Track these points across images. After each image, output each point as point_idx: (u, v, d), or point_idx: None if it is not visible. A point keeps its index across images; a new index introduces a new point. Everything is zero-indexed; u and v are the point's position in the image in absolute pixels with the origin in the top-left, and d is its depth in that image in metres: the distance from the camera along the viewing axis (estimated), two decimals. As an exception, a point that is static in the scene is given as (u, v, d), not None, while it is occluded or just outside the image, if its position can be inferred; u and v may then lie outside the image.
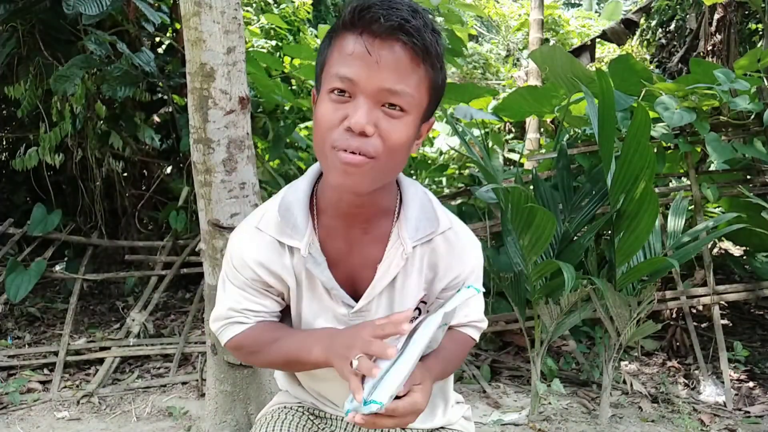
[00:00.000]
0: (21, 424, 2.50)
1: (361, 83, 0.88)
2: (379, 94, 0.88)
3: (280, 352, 1.04)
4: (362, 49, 0.87)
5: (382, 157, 0.90)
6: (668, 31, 7.91)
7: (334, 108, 0.90)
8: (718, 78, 2.82)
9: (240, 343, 1.09)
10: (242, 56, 2.05)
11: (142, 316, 3.26)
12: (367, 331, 0.92)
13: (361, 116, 0.87)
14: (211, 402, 2.22)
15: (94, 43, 3.28)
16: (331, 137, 0.90)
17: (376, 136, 0.89)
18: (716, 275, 3.34)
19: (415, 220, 1.03)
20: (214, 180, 2.05)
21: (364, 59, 0.87)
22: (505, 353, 3.26)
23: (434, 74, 0.93)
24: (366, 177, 0.91)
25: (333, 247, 1.05)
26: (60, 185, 4.15)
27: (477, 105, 4.21)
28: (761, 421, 2.59)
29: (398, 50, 0.88)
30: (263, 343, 1.06)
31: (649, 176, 2.26)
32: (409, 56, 0.88)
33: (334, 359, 0.94)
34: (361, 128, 0.87)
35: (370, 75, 0.87)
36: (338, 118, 0.89)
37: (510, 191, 2.28)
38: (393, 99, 0.89)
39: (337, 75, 0.89)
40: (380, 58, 0.87)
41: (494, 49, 10.83)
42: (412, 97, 0.90)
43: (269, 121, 3.78)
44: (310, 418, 1.20)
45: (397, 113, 0.90)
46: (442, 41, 0.94)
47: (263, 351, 1.06)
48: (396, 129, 0.90)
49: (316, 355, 0.98)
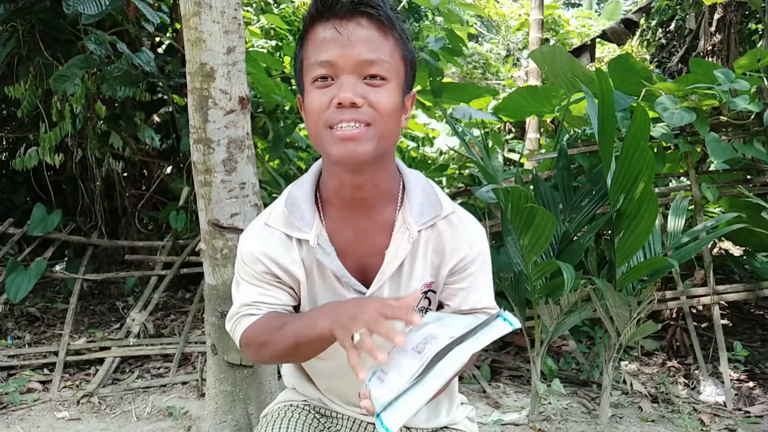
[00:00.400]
0: (21, 424, 2.50)
1: (340, 62, 0.93)
2: (358, 67, 0.94)
3: (287, 335, 1.00)
4: (333, 32, 0.93)
5: (378, 122, 0.95)
6: (668, 31, 7.91)
7: (321, 93, 0.95)
8: (718, 78, 2.82)
9: (250, 336, 1.06)
10: (242, 56, 2.05)
11: (142, 316, 3.26)
12: (375, 305, 0.88)
13: (347, 89, 0.92)
14: (211, 402, 2.22)
15: (94, 42, 3.28)
16: (325, 119, 0.95)
17: (366, 105, 0.94)
18: (716, 275, 3.33)
19: (418, 206, 1.06)
20: (214, 180, 2.05)
21: (336, 40, 0.93)
22: (505, 353, 3.26)
23: (403, 44, 0.99)
24: (367, 144, 0.95)
25: (341, 236, 1.07)
26: (60, 185, 4.15)
27: (477, 105, 4.21)
28: (761, 421, 2.59)
29: (365, 23, 0.94)
30: (272, 330, 1.03)
31: (649, 176, 2.26)
32: (376, 26, 0.95)
33: (336, 329, 0.90)
34: (350, 99, 0.92)
35: (345, 52, 0.93)
36: (327, 101, 0.94)
37: (510, 191, 2.28)
38: (372, 69, 0.94)
39: (316, 62, 0.95)
40: (351, 35, 0.93)
41: (494, 49, 10.83)
42: (389, 64, 0.96)
43: (269, 121, 3.78)
44: (317, 417, 1.20)
45: (379, 82, 0.95)
46: (401, 17, 1.00)
47: (272, 339, 1.02)
48: (383, 96, 0.95)
49: (321, 326, 0.93)
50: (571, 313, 2.51)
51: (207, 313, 2.21)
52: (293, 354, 1.02)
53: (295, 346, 0.99)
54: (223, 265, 2.11)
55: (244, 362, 2.17)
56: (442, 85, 3.96)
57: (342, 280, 1.06)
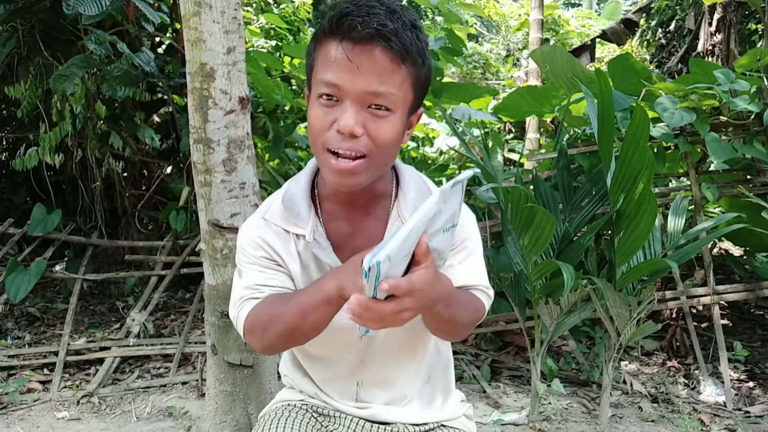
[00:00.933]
0: (21, 424, 2.50)
1: (346, 88, 0.93)
2: (363, 97, 0.93)
3: (293, 308, 0.99)
4: (343, 56, 0.92)
5: (374, 154, 0.96)
6: (668, 31, 7.90)
7: (324, 112, 0.96)
8: (718, 78, 2.82)
9: (254, 317, 1.05)
10: (242, 56, 2.05)
11: (142, 316, 3.26)
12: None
13: (349, 119, 0.93)
14: (211, 402, 2.22)
15: (94, 42, 3.28)
16: (323, 139, 0.96)
17: (365, 135, 0.95)
18: (716, 275, 3.33)
19: (412, 200, 1.09)
20: (214, 180, 2.05)
21: (346, 65, 0.92)
22: (505, 353, 3.26)
23: (416, 70, 0.97)
24: (361, 176, 0.97)
25: (337, 230, 1.10)
26: (60, 185, 4.15)
27: (477, 105, 4.21)
28: (761, 421, 2.59)
29: (378, 54, 0.92)
30: (276, 307, 1.03)
31: (648, 176, 2.26)
32: (389, 58, 0.93)
33: (344, 284, 0.89)
34: (349, 130, 0.93)
35: (353, 80, 0.92)
36: (329, 122, 0.95)
37: (510, 191, 2.28)
38: (378, 100, 0.94)
39: (323, 81, 0.95)
40: (361, 64, 0.92)
41: (494, 49, 10.83)
42: (396, 96, 0.95)
43: (269, 121, 3.78)
44: (314, 416, 1.20)
45: (383, 113, 0.95)
46: (423, 35, 0.98)
47: (277, 315, 1.01)
48: (383, 128, 0.96)
49: (327, 288, 0.93)
50: (571, 313, 2.51)
51: (207, 313, 2.21)
52: (300, 328, 0.99)
53: (302, 316, 0.98)
54: (223, 265, 2.11)
55: (244, 362, 2.17)
56: (442, 85, 3.96)
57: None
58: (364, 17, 0.91)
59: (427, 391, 1.22)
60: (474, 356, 3.21)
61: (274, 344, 1.05)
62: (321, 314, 0.97)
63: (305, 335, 1.02)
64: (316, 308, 0.96)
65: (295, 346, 1.14)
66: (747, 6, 6.02)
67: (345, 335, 1.09)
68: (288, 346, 1.12)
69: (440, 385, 1.24)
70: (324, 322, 0.99)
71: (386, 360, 1.16)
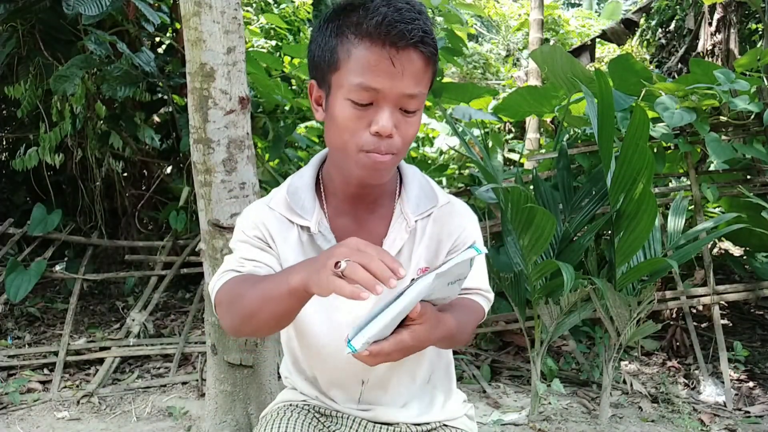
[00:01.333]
0: (21, 424, 2.50)
1: (385, 92, 0.95)
2: (400, 99, 0.97)
3: (257, 291, 0.95)
4: (388, 62, 0.93)
5: (402, 151, 1.01)
6: (668, 31, 7.90)
7: (357, 114, 0.97)
8: (718, 78, 2.82)
9: (223, 295, 1.03)
10: (242, 56, 2.05)
11: (142, 316, 3.26)
12: (353, 241, 0.84)
13: (387, 122, 0.96)
14: (211, 402, 2.22)
15: (94, 42, 3.28)
16: (358, 141, 0.98)
17: (396, 136, 0.98)
18: (716, 275, 3.34)
19: (415, 198, 1.13)
20: (214, 180, 2.05)
21: (389, 71, 0.94)
22: (505, 353, 3.26)
23: (435, 68, 1.02)
24: (389, 171, 1.03)
25: (341, 225, 1.12)
26: (60, 185, 4.15)
27: (477, 105, 4.21)
28: (761, 421, 2.59)
29: (416, 58, 0.96)
30: (245, 286, 1.00)
31: (648, 176, 2.26)
32: (424, 62, 0.97)
33: (312, 275, 0.84)
34: (389, 132, 0.96)
35: (394, 85, 0.95)
36: (364, 125, 0.97)
37: (510, 191, 2.28)
38: (411, 102, 0.98)
39: (361, 86, 0.95)
40: (404, 69, 0.94)
41: (494, 49, 10.83)
42: (423, 95, 1.00)
43: (269, 121, 3.78)
44: (316, 416, 1.19)
45: (412, 114, 1.00)
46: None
47: (240, 297, 0.98)
48: (412, 126, 1.01)
49: (293, 280, 0.88)
50: (571, 313, 2.51)
51: (207, 313, 2.21)
52: (258, 314, 0.95)
53: (263, 302, 0.93)
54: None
55: (244, 362, 2.17)
56: (442, 85, 3.96)
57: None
58: (409, 24, 0.93)
59: (428, 391, 1.22)
60: (474, 356, 3.21)
61: (238, 325, 0.99)
62: (283, 305, 0.92)
63: (265, 323, 0.96)
64: (279, 299, 0.91)
65: (260, 334, 1.05)
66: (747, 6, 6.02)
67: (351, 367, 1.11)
68: (251, 330, 1.02)
69: (441, 385, 1.24)
70: (286, 315, 0.95)
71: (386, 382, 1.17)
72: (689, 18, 6.40)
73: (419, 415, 1.20)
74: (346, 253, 0.82)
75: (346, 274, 0.79)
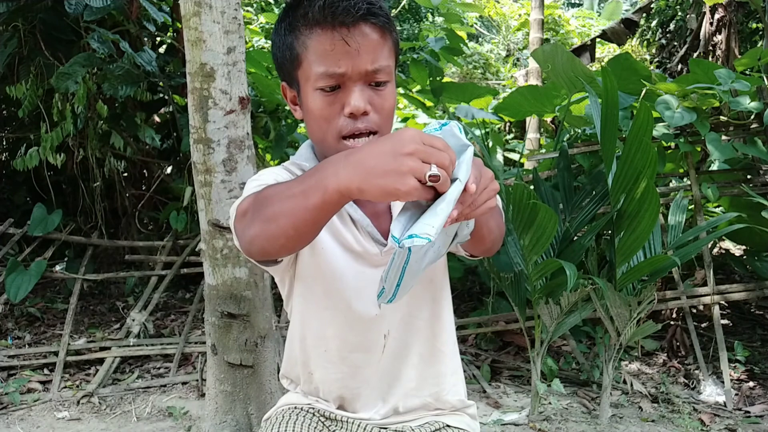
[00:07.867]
0: (21, 424, 2.50)
1: (348, 72, 0.95)
2: (365, 76, 0.96)
3: (295, 186, 0.83)
4: (341, 43, 0.93)
5: (383, 127, 1.00)
6: (668, 31, 7.90)
7: (328, 102, 0.97)
8: (719, 78, 2.82)
9: (251, 201, 0.91)
10: (242, 56, 2.05)
11: (142, 316, 3.26)
12: (418, 135, 0.71)
13: (358, 100, 0.95)
14: (211, 402, 2.22)
15: (97, 41, 3.27)
16: (335, 127, 0.97)
17: (373, 112, 0.98)
18: (716, 275, 3.33)
19: None
20: (214, 180, 2.05)
21: (345, 51, 0.94)
22: (505, 353, 3.25)
23: (394, 36, 1.01)
24: None
25: None
26: (60, 185, 4.15)
27: (477, 105, 4.21)
28: (761, 421, 2.59)
29: (369, 32, 0.95)
30: (277, 188, 0.87)
31: (651, 176, 2.25)
32: (378, 33, 0.97)
33: (370, 179, 0.71)
34: (362, 110, 0.96)
35: (355, 63, 0.94)
36: (337, 109, 0.97)
37: (512, 189, 2.27)
38: (377, 76, 0.97)
39: (325, 74, 0.95)
40: (360, 46, 0.94)
41: (494, 49, 10.84)
42: (389, 67, 0.99)
43: (270, 121, 3.78)
44: (321, 420, 1.16)
45: (382, 87, 0.99)
46: (385, 7, 1.01)
47: (276, 196, 0.85)
48: (386, 99, 0.99)
49: (333, 182, 0.75)
50: (571, 313, 2.51)
51: (207, 313, 2.21)
52: (278, 218, 0.82)
53: (303, 194, 0.79)
54: (223, 265, 2.11)
55: (244, 362, 2.17)
56: (442, 85, 3.96)
57: (363, 231, 1.08)
58: (351, 0, 0.93)
59: (438, 383, 1.21)
60: (474, 356, 3.20)
61: (256, 232, 0.87)
62: (310, 214, 0.79)
63: (283, 233, 0.83)
64: (307, 206, 0.79)
65: (272, 248, 0.88)
66: (747, 6, 6.02)
67: (375, 327, 1.09)
68: (265, 238, 0.86)
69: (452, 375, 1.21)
70: (310, 227, 0.83)
71: (398, 362, 1.14)
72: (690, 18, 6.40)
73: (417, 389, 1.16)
74: (420, 151, 0.69)
75: (439, 185, 0.69)
